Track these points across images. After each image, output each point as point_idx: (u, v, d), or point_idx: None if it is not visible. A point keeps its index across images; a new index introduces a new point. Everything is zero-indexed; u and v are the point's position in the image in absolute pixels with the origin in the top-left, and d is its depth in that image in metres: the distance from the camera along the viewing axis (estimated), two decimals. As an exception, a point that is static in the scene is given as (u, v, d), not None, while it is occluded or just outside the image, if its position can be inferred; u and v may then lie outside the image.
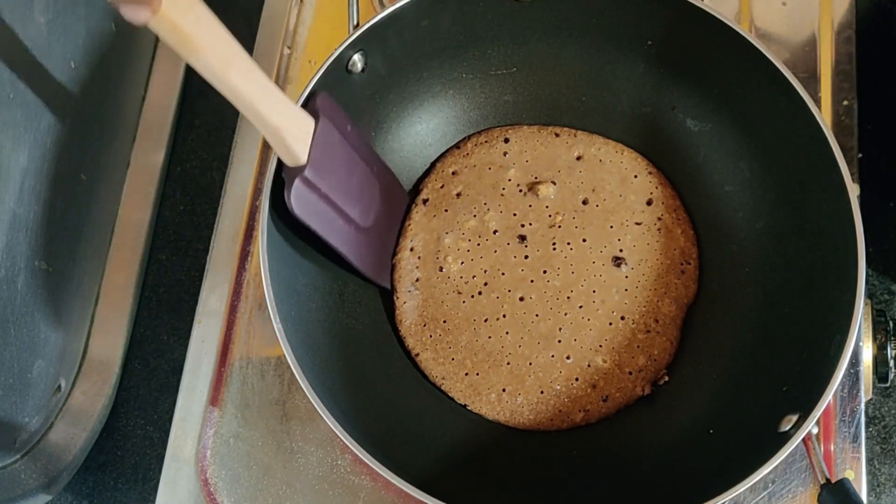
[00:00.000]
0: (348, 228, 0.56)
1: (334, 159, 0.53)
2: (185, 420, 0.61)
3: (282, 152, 0.51)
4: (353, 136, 0.55)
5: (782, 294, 0.56)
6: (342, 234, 0.56)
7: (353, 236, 0.57)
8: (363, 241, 0.58)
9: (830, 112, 0.64)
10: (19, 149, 0.58)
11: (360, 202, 0.57)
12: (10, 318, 0.59)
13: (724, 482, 0.47)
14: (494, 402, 0.58)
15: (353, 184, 0.56)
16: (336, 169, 0.54)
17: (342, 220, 0.55)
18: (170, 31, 0.42)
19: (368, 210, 0.58)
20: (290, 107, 0.50)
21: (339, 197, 0.54)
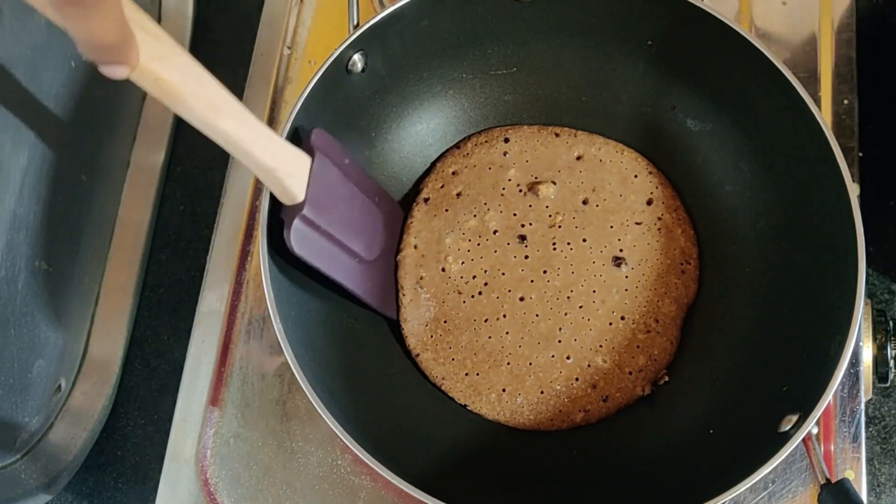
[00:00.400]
0: (353, 262, 0.56)
1: (333, 195, 0.53)
2: (185, 420, 0.61)
3: (279, 192, 0.50)
4: (352, 169, 0.55)
5: (782, 294, 0.56)
6: (347, 268, 0.55)
7: (359, 270, 0.56)
8: (369, 274, 0.58)
9: (830, 112, 0.65)
10: (19, 149, 0.58)
11: (363, 235, 0.56)
12: (10, 318, 0.59)
13: (724, 482, 0.47)
14: (494, 402, 0.58)
15: (355, 217, 0.55)
16: (335, 204, 0.53)
17: (346, 254, 0.55)
18: (153, 83, 0.41)
19: (373, 242, 0.58)
20: (283, 146, 0.49)
21: (340, 232, 0.53)
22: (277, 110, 0.68)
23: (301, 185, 0.50)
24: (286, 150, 0.49)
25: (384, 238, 0.59)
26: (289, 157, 0.49)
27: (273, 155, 0.48)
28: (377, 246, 0.58)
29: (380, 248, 0.59)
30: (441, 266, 0.61)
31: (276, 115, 0.68)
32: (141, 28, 0.39)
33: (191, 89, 0.43)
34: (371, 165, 0.62)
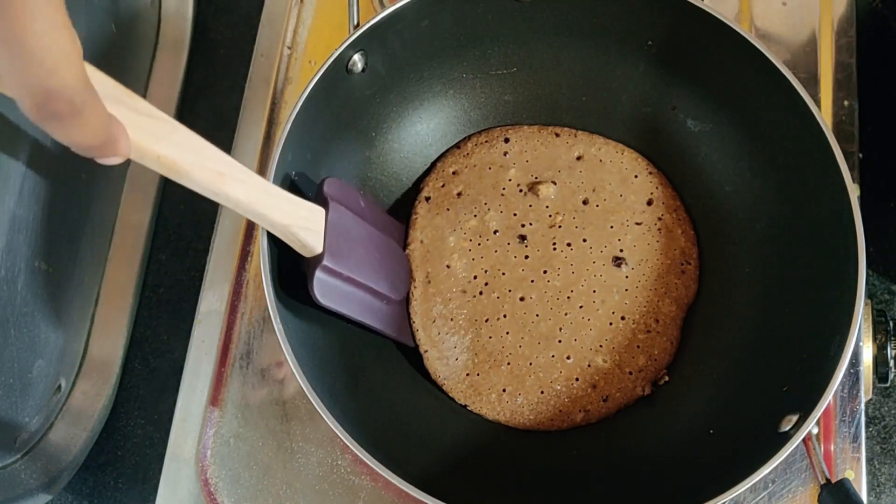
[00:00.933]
0: (380, 304, 0.56)
1: (351, 240, 0.53)
2: (185, 420, 0.61)
3: (297, 247, 0.50)
4: (367, 212, 0.55)
5: (782, 294, 0.56)
6: (374, 310, 0.56)
7: (387, 310, 0.57)
8: (396, 311, 0.58)
9: (831, 112, 0.65)
10: (19, 149, 0.58)
11: (388, 275, 0.57)
12: (10, 318, 0.59)
13: (724, 482, 0.47)
14: (495, 402, 0.58)
15: (376, 258, 0.56)
16: (355, 249, 0.53)
17: (371, 296, 0.55)
18: (154, 161, 0.41)
19: (398, 280, 0.58)
20: (295, 203, 0.49)
21: (363, 276, 0.54)
22: (277, 110, 0.68)
23: (318, 237, 0.50)
24: (299, 207, 0.50)
25: (410, 274, 0.60)
26: (303, 214, 0.50)
27: (287, 214, 0.48)
28: (403, 283, 0.59)
29: (406, 287, 0.59)
30: (446, 263, 0.61)
31: (275, 116, 0.68)
32: (133, 111, 0.40)
33: (193, 161, 0.43)
34: (371, 165, 0.62)
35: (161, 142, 0.41)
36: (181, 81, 0.77)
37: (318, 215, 0.51)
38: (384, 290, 0.56)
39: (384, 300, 0.57)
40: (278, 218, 0.48)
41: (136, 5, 0.74)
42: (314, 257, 0.51)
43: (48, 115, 0.34)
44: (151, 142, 0.40)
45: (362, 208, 0.55)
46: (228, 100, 0.76)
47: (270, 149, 0.67)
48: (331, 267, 0.51)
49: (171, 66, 0.77)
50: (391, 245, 0.58)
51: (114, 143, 0.38)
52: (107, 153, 0.38)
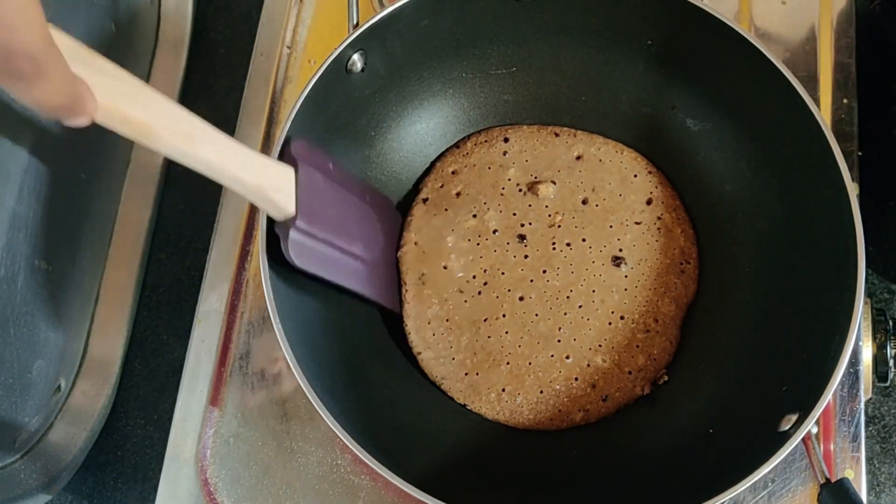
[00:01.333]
0: (356, 265, 0.56)
1: (323, 202, 0.52)
2: (185, 420, 0.61)
3: (269, 209, 0.50)
4: (337, 174, 0.55)
5: (782, 294, 0.56)
6: (350, 272, 0.55)
7: (363, 271, 0.57)
8: (374, 274, 0.58)
9: (830, 111, 0.65)
10: (19, 148, 0.58)
11: (360, 236, 0.56)
12: (10, 317, 0.59)
13: (724, 482, 0.47)
14: (494, 401, 0.58)
15: (349, 220, 0.55)
16: (327, 211, 0.53)
17: (347, 258, 0.55)
18: (121, 123, 0.41)
19: (372, 242, 0.58)
20: (265, 163, 0.49)
21: (337, 237, 0.53)
22: (277, 110, 0.68)
23: (290, 198, 0.50)
24: (269, 167, 0.49)
25: (382, 235, 0.59)
26: (273, 173, 0.49)
27: (257, 174, 0.48)
28: (376, 245, 0.58)
29: (379, 247, 0.59)
30: (443, 264, 0.61)
31: (275, 115, 0.68)
32: (99, 71, 0.39)
33: (161, 123, 0.42)
34: (371, 165, 0.62)
35: (128, 102, 0.41)
36: (181, 81, 0.77)
37: (288, 175, 0.50)
38: (357, 251, 0.56)
39: (360, 261, 0.56)
40: (249, 178, 0.47)
41: (136, 4, 0.73)
42: (287, 220, 0.50)
43: (10, 73, 0.33)
44: (118, 102, 0.40)
45: (331, 170, 0.54)
46: (228, 99, 0.76)
47: (270, 148, 0.67)
48: (304, 228, 0.50)
49: (171, 66, 0.77)
50: (362, 207, 0.57)
51: (80, 104, 0.38)
52: (72, 113, 0.38)
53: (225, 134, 0.46)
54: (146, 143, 0.42)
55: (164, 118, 0.43)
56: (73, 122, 0.38)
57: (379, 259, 0.59)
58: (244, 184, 0.48)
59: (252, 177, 0.48)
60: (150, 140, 0.42)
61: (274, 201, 0.49)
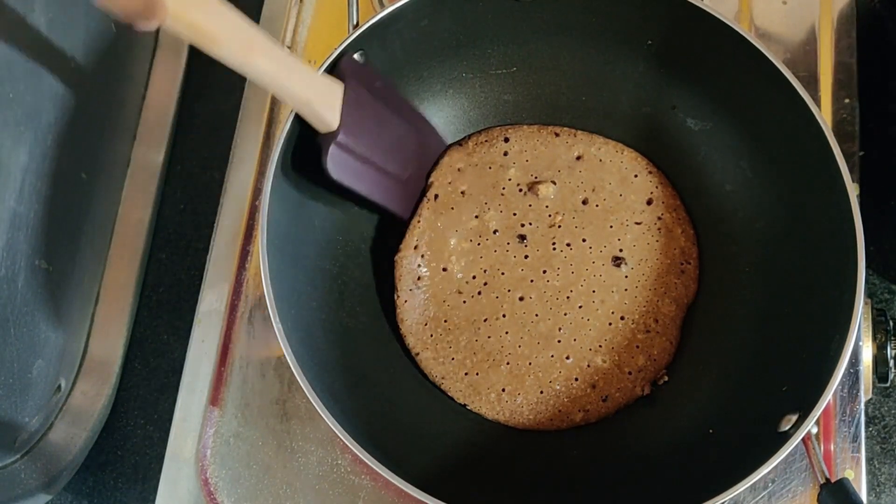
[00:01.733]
0: (388, 182, 0.58)
1: (366, 118, 0.55)
2: (185, 420, 0.61)
3: (314, 121, 0.52)
4: (384, 92, 0.57)
5: (782, 294, 0.56)
6: (382, 188, 0.58)
7: (393, 189, 0.59)
8: (403, 192, 0.60)
9: (830, 111, 0.64)
10: (20, 148, 0.58)
11: (397, 155, 0.58)
12: (10, 317, 0.59)
13: (724, 482, 0.47)
14: (494, 401, 0.58)
15: (389, 138, 0.57)
16: (369, 128, 0.55)
17: (381, 175, 0.57)
18: (187, 28, 0.44)
19: (407, 161, 0.60)
20: (315, 77, 0.52)
21: (375, 154, 0.56)
22: (277, 110, 0.68)
23: (335, 112, 0.52)
24: (318, 81, 0.52)
25: (418, 156, 0.61)
26: (321, 88, 0.52)
27: (306, 87, 0.51)
28: (411, 164, 0.60)
29: (413, 166, 0.61)
30: (443, 266, 0.61)
31: (275, 115, 0.68)
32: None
33: (224, 31, 0.46)
34: (371, 165, 0.62)
35: (195, 10, 0.44)
36: (181, 81, 0.77)
37: (336, 90, 0.53)
38: (392, 169, 0.58)
39: (392, 178, 0.58)
40: (300, 91, 0.50)
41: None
42: (329, 133, 0.53)
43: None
44: (186, 9, 0.44)
45: (378, 88, 0.56)
46: (228, 100, 0.76)
47: (270, 148, 0.67)
48: (345, 143, 0.53)
49: (171, 66, 0.77)
50: (404, 127, 0.59)
51: (152, 9, 0.42)
52: (145, 18, 0.42)
53: (282, 47, 0.49)
54: (209, 49, 0.45)
55: (227, 27, 0.46)
56: (144, 27, 0.42)
57: (410, 178, 0.61)
58: (294, 96, 0.50)
59: (302, 90, 0.51)
60: (213, 47, 0.45)
61: (319, 115, 0.52)
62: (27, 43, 0.58)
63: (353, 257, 0.60)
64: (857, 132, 0.64)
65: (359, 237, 0.61)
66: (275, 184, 0.52)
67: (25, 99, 0.58)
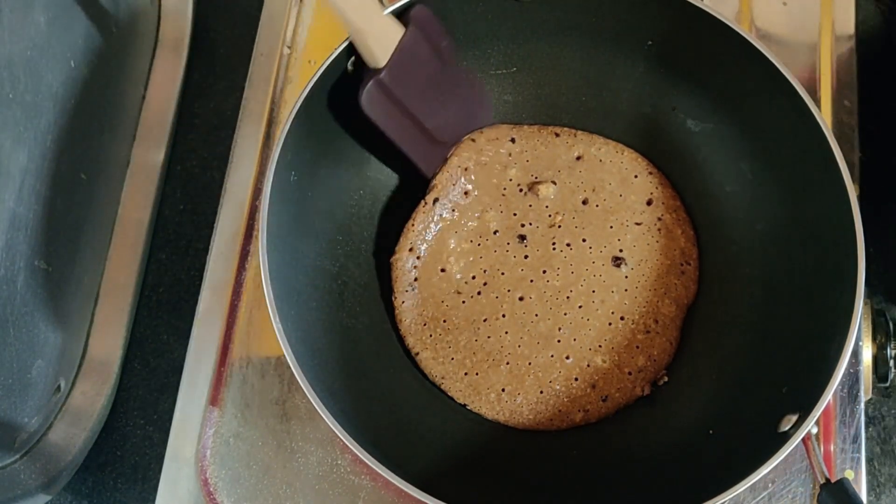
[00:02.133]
0: (420, 137, 0.59)
1: (417, 69, 0.55)
2: (185, 420, 0.61)
3: (363, 52, 0.54)
4: (447, 52, 0.57)
5: (782, 294, 0.56)
6: (412, 139, 0.58)
7: (424, 144, 0.59)
8: (432, 151, 0.60)
9: (831, 112, 0.65)
10: (19, 148, 0.58)
11: (439, 116, 0.59)
12: (9, 317, 0.59)
13: (724, 482, 0.47)
14: (494, 401, 0.58)
15: (434, 96, 0.58)
16: (417, 79, 0.56)
17: (415, 127, 0.58)
18: None
19: (447, 125, 0.60)
20: (378, 12, 0.53)
21: (415, 105, 0.56)
22: (277, 110, 0.68)
23: (386, 52, 0.53)
24: (380, 18, 0.53)
25: (460, 123, 0.61)
26: (380, 25, 0.53)
27: (366, 21, 0.52)
28: (451, 129, 0.61)
29: (451, 133, 0.61)
30: (441, 266, 0.61)
31: (275, 115, 0.68)
32: None
33: None
34: (370, 164, 0.62)
35: None
36: (181, 81, 0.77)
37: (394, 33, 0.53)
38: (430, 127, 0.58)
39: (426, 135, 0.59)
40: (358, 20, 0.52)
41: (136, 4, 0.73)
42: (374, 70, 0.54)
43: None
44: None
45: (444, 47, 0.57)
46: (228, 99, 0.76)
47: (270, 148, 0.67)
48: (386, 83, 0.54)
49: (171, 66, 0.77)
50: (455, 93, 0.59)
51: None
52: None
53: None
54: None
55: None
56: None
57: (446, 142, 0.61)
58: (352, 24, 0.52)
59: (361, 21, 0.52)
60: None
61: (370, 48, 0.53)
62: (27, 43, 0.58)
63: (352, 257, 0.60)
64: (857, 133, 0.64)
65: (359, 237, 0.61)
66: (275, 184, 0.52)
67: (25, 99, 0.58)
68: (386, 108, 0.55)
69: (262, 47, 0.70)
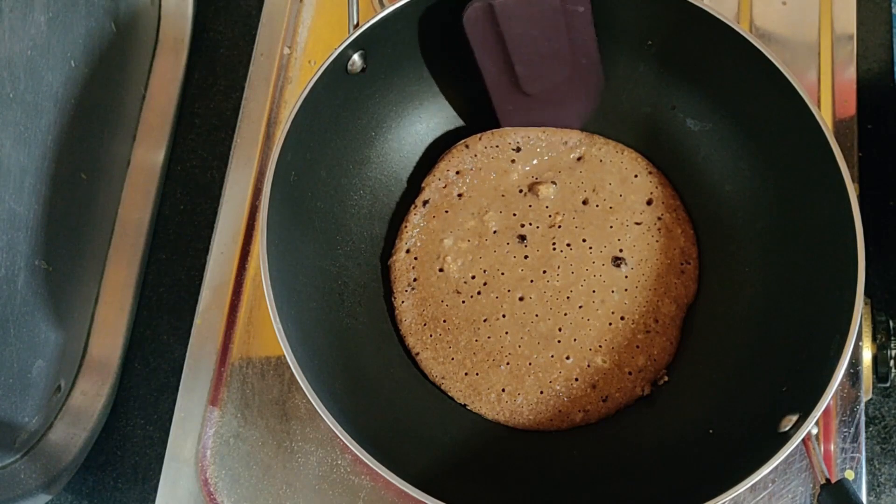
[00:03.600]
0: (507, 79, 0.58)
1: (533, 18, 0.55)
2: (185, 420, 0.61)
3: None
4: (577, 18, 0.56)
5: (782, 294, 0.56)
6: (498, 77, 0.58)
7: (508, 88, 0.59)
8: (514, 99, 0.60)
9: (830, 112, 0.65)
10: (19, 148, 0.58)
11: (534, 69, 0.58)
12: (9, 317, 0.59)
13: (724, 482, 0.47)
14: (494, 401, 0.58)
15: (541, 51, 0.57)
16: (528, 25, 0.55)
17: (506, 67, 0.57)
18: None
19: (538, 82, 0.59)
20: None
21: (515, 49, 0.56)
22: (277, 110, 0.68)
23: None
24: None
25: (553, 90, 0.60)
26: None
27: None
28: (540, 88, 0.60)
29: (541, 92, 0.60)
30: (438, 266, 0.61)
31: (275, 115, 0.68)
32: None
33: None
34: (370, 165, 0.62)
35: None
36: (181, 81, 0.77)
37: None
38: (519, 73, 0.58)
39: (511, 78, 0.58)
40: None
41: (136, 4, 0.74)
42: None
43: None
44: None
45: (578, 13, 0.56)
46: (228, 99, 0.76)
47: (270, 148, 0.67)
48: (494, 12, 0.54)
49: (171, 66, 0.77)
50: (567, 59, 0.58)
51: None
52: None
53: None
54: None
55: None
56: None
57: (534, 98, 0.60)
58: None
59: None
60: None
61: None
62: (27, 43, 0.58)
63: (352, 257, 0.60)
64: (856, 132, 0.64)
65: (358, 237, 0.61)
66: (275, 184, 0.52)
67: (25, 99, 0.58)
68: (483, 35, 0.55)
69: (261, 47, 0.70)
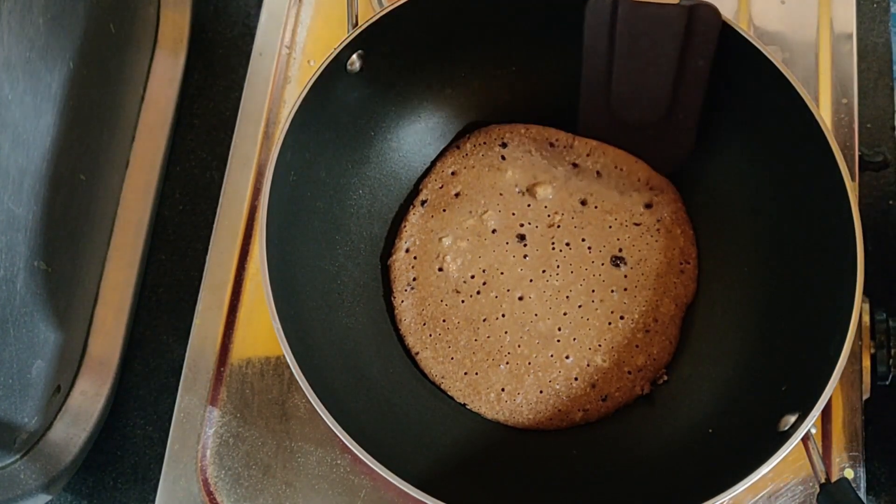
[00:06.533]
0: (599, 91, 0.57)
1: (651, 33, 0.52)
2: (184, 420, 0.61)
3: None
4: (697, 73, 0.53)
5: (781, 293, 0.56)
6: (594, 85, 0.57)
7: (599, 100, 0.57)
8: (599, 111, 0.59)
9: (830, 111, 0.65)
10: (18, 149, 0.58)
11: (629, 91, 0.56)
12: (9, 318, 0.59)
13: (724, 482, 0.47)
14: (493, 401, 0.58)
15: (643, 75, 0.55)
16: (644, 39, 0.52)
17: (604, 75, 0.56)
18: None
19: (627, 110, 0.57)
20: None
21: (621, 59, 0.54)
22: (276, 110, 0.68)
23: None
24: None
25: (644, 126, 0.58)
26: None
27: None
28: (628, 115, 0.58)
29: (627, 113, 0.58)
30: (438, 266, 0.61)
31: (274, 115, 0.68)
32: None
33: None
34: (370, 164, 0.62)
35: None
36: (180, 81, 0.77)
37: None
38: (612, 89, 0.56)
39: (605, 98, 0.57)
40: None
41: (136, 4, 0.73)
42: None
43: None
44: None
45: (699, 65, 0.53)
46: (227, 99, 0.76)
47: (269, 148, 0.67)
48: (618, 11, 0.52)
49: (170, 66, 0.77)
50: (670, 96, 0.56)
51: None
52: None
53: None
54: None
55: None
56: None
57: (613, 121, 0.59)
58: None
59: None
60: None
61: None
62: (27, 43, 0.58)
63: (352, 257, 0.60)
64: (856, 132, 0.64)
65: (358, 237, 0.61)
66: (274, 184, 0.52)
67: (24, 100, 0.58)
68: (597, 32, 0.53)
69: (261, 47, 0.70)
